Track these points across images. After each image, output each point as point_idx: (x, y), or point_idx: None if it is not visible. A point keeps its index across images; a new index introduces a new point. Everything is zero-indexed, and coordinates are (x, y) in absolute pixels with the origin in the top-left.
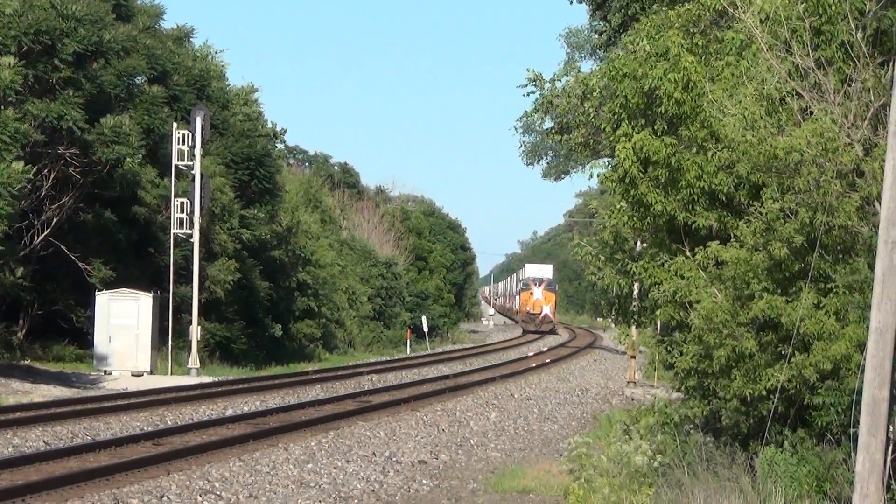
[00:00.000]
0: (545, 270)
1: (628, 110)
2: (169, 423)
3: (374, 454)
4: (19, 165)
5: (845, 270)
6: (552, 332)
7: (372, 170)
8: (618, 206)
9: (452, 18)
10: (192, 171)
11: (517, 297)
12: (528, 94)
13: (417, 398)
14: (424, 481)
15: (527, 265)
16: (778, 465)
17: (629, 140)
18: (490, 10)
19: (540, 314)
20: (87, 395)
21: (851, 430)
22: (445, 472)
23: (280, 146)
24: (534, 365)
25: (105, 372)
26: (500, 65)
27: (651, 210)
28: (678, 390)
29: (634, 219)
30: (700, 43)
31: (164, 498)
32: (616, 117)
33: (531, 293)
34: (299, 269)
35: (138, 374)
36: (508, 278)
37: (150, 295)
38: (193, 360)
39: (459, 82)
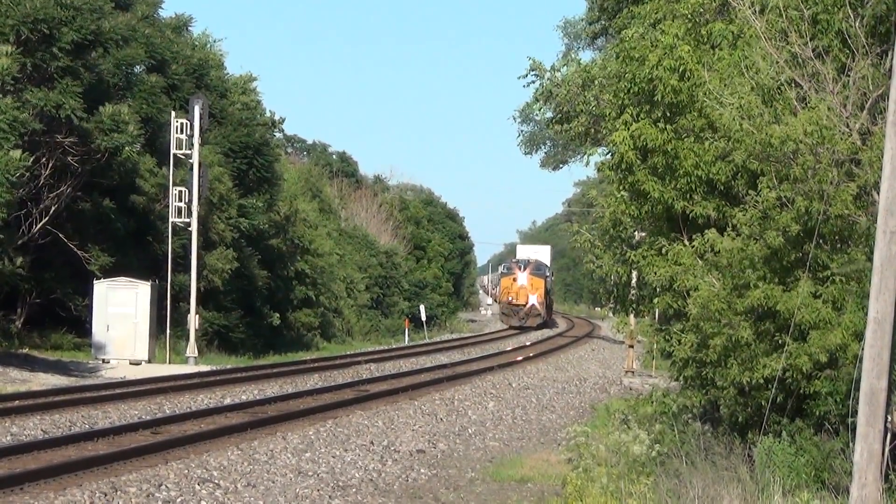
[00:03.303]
0: (540, 252)
1: (633, 95)
2: (167, 411)
3: (372, 443)
4: (17, 153)
5: (842, 260)
6: (542, 326)
7: (370, 159)
8: (617, 195)
9: (450, 7)
10: (191, 160)
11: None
12: (528, 85)
13: (415, 387)
14: (422, 470)
15: (519, 246)
16: (776, 455)
17: (627, 128)
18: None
19: (525, 305)
20: (85, 384)
21: (850, 420)
22: (443, 461)
23: (278, 135)
24: (527, 356)
25: (103, 360)
26: (498, 54)
27: (649, 198)
28: (676, 379)
29: (633, 207)
30: (704, 33)
31: (162, 486)
32: (620, 102)
33: (514, 278)
34: (297, 258)
35: (136, 363)
36: None
37: (149, 284)
38: (191, 349)
39: (457, 71)
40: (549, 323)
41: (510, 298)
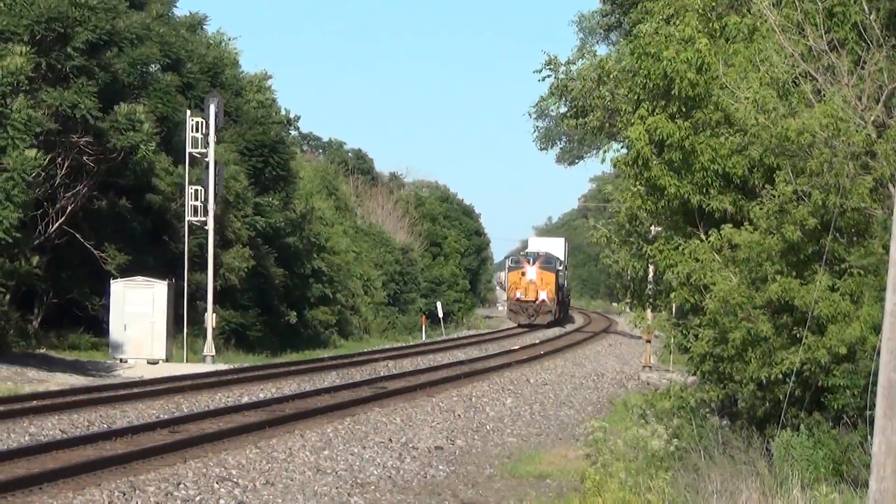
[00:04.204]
0: (554, 245)
1: (648, 90)
2: (185, 410)
3: (390, 440)
4: (32, 153)
5: (860, 252)
6: (553, 325)
7: (386, 156)
8: (633, 189)
9: (465, 4)
10: (206, 159)
11: (505, 280)
12: (543, 79)
13: (433, 384)
14: (441, 467)
15: (531, 239)
16: (794, 449)
17: (643, 123)
18: None
19: (534, 301)
20: (102, 384)
21: (867, 413)
22: (462, 457)
23: (294, 133)
24: (545, 352)
25: (120, 360)
26: (513, 50)
27: (665, 193)
28: (693, 374)
29: (649, 202)
30: (717, 27)
31: (181, 485)
32: (636, 97)
33: (522, 273)
34: (314, 255)
35: (154, 362)
36: None
37: (165, 283)
38: (209, 348)
39: (473, 68)
40: (563, 320)
41: (518, 294)
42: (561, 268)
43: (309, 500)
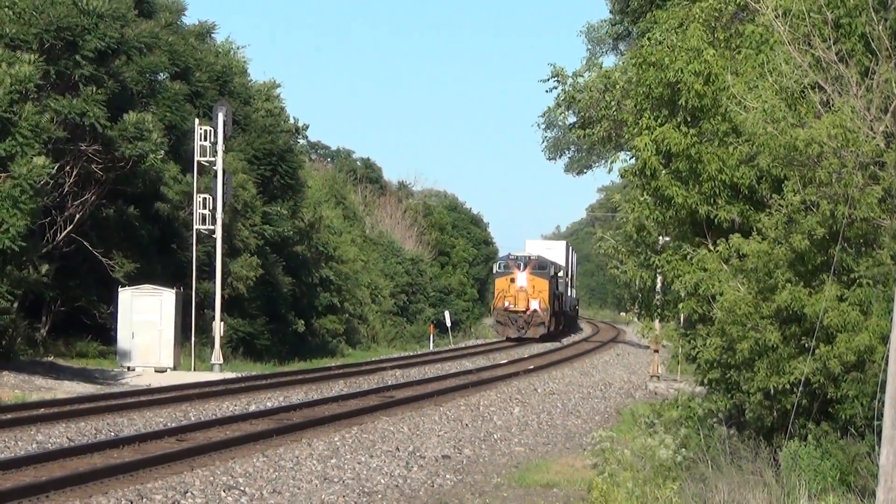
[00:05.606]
0: (555, 249)
1: (652, 100)
2: (192, 418)
3: (397, 449)
4: (40, 160)
5: (868, 262)
6: (547, 339)
7: (394, 165)
8: (641, 199)
9: (474, 13)
10: (215, 168)
11: (493, 287)
12: (550, 90)
13: (441, 393)
14: (448, 476)
15: (528, 241)
16: (802, 459)
17: (651, 133)
18: (511, 4)
19: (525, 311)
20: (110, 392)
21: (875, 423)
22: (469, 466)
23: (302, 142)
24: (551, 362)
25: (128, 368)
26: (521, 60)
27: (673, 203)
28: (701, 383)
29: (657, 212)
30: (722, 37)
31: (188, 493)
32: (639, 107)
33: (511, 279)
34: (322, 264)
35: (161, 370)
36: None
37: (173, 291)
38: (216, 356)
39: (482, 77)
40: (560, 334)
41: (506, 304)
42: (560, 273)
43: None
